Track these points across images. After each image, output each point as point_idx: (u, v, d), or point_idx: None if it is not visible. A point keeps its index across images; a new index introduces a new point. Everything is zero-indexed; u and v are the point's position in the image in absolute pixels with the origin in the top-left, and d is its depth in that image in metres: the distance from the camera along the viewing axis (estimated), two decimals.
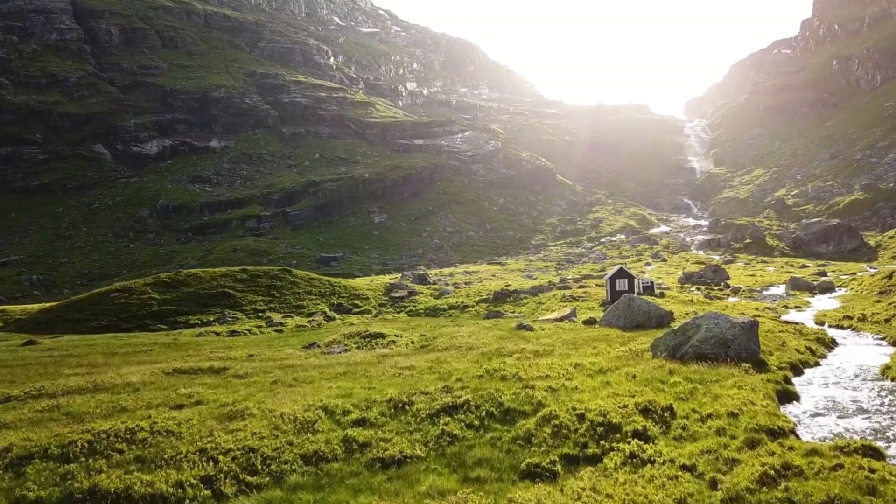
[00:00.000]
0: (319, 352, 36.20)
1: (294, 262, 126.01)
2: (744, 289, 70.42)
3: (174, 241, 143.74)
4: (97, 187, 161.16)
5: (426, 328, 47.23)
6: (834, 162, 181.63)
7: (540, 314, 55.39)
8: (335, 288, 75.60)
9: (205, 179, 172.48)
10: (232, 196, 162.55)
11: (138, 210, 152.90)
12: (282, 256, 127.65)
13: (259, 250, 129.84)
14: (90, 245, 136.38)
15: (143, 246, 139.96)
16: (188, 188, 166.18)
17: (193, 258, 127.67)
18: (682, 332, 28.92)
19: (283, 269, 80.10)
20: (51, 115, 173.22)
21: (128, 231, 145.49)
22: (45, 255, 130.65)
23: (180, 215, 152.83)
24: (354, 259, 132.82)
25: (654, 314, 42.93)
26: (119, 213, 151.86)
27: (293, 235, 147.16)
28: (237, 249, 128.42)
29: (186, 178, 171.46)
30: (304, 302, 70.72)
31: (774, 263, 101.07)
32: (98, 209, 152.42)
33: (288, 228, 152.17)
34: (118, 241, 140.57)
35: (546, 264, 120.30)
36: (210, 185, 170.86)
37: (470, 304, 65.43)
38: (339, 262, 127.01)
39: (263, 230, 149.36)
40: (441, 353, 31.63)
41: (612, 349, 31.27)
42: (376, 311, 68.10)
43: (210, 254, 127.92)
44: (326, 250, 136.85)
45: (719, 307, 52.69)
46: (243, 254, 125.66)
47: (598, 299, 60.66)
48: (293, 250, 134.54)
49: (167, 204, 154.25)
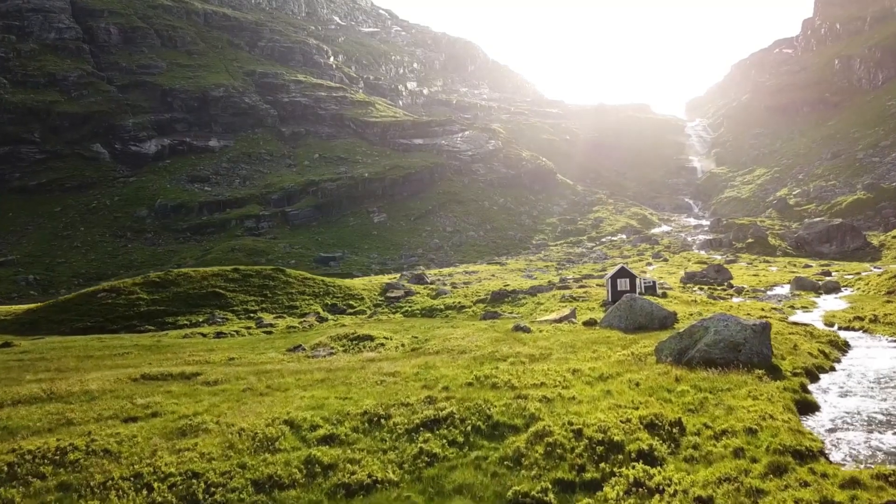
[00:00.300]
0: (304, 355, 34.57)
1: (293, 261, 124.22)
2: (748, 289, 68.51)
3: (172, 241, 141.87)
4: (95, 187, 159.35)
5: (419, 329, 45.55)
6: (836, 161, 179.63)
7: (539, 315, 53.53)
8: (329, 288, 73.46)
9: (204, 179, 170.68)
10: (231, 196, 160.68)
11: (136, 210, 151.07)
12: (280, 256, 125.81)
13: (257, 250, 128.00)
14: (88, 245, 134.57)
15: (141, 246, 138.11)
16: (187, 188, 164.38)
17: (191, 258, 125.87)
18: (689, 334, 26.96)
19: (276, 268, 78.06)
20: (49, 115, 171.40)
21: (126, 231, 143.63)
22: (43, 254, 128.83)
23: (179, 215, 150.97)
24: (354, 259, 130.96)
25: (656, 315, 41.22)
26: (117, 212, 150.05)
27: (292, 235, 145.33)
28: (235, 249, 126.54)
29: (185, 178, 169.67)
30: (298, 302, 68.78)
31: (777, 263, 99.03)
32: (96, 209, 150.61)
33: (287, 228, 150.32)
34: (116, 241, 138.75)
35: (546, 264, 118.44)
36: (209, 184, 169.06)
37: (467, 305, 63.64)
38: (339, 262, 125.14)
39: (262, 230, 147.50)
40: (430, 358, 29.96)
41: (613, 353, 29.53)
42: (371, 311, 66.34)
43: (208, 253, 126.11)
44: (325, 250, 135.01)
45: (724, 308, 50.93)
46: (241, 253, 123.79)
47: (599, 300, 58.88)
48: (292, 250, 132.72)
49: (165, 203, 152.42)
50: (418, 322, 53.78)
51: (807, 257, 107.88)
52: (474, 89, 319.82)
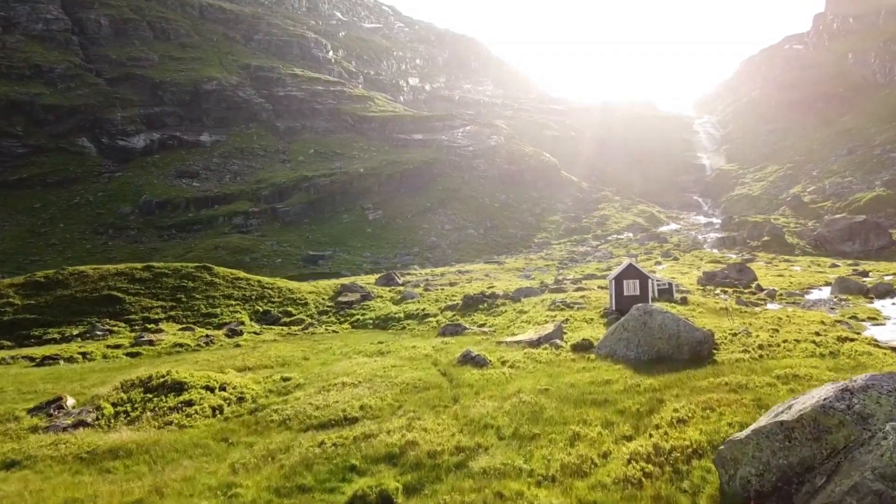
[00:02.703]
0: (44, 421, 23.11)
1: (279, 260, 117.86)
2: (780, 292, 57.87)
3: (156, 239, 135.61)
4: (79, 182, 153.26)
5: (322, 357, 35.18)
6: (852, 157, 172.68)
7: (517, 328, 41.73)
8: (266, 291, 63.31)
9: (193, 174, 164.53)
10: (220, 192, 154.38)
11: (120, 206, 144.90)
12: (266, 255, 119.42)
13: (242, 248, 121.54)
14: (65, 242, 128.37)
15: (122, 244, 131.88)
16: (174, 183, 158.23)
17: (173, 256, 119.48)
18: (813, 433, 11.89)
19: (200, 266, 66.58)
20: (33, 108, 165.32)
21: (108, 228, 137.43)
22: (16, 252, 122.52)
23: (164, 211, 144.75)
24: (344, 258, 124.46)
25: (685, 339, 27.59)
26: (100, 209, 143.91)
27: (282, 232, 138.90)
28: (219, 247, 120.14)
29: (173, 173, 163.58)
30: (220, 308, 58.36)
31: (799, 262, 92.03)
32: (78, 205, 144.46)
33: (277, 225, 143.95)
34: (96, 239, 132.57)
35: (547, 263, 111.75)
36: (198, 180, 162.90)
37: (432, 313, 54.12)
38: (327, 261, 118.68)
39: (251, 227, 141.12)
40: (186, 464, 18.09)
41: (611, 443, 16.24)
42: (310, 321, 56.39)
43: (190, 251, 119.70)
44: (315, 248, 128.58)
45: (769, 319, 38.63)
46: (225, 252, 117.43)
47: (599, 307, 47.65)
48: (279, 248, 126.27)
49: (150, 200, 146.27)
50: (353, 337, 44.66)
51: (828, 256, 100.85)
52: (478, 86, 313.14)
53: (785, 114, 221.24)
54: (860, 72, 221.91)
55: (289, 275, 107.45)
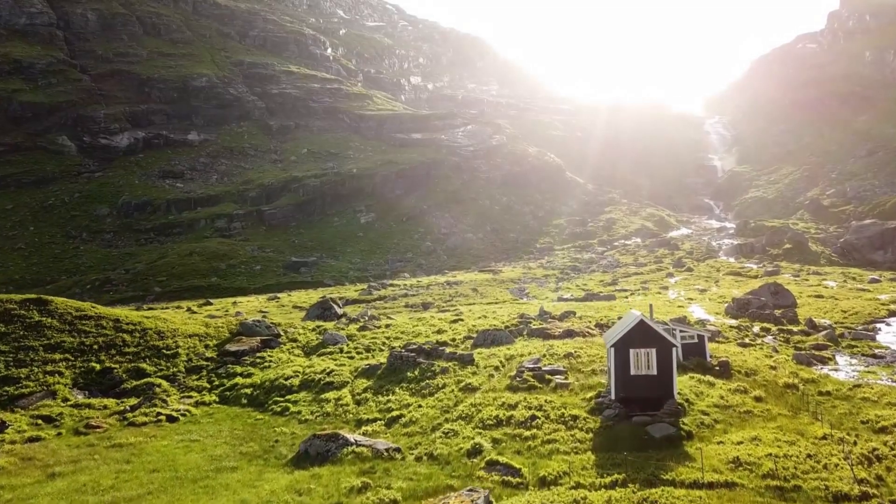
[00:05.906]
0: None
1: (258, 267, 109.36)
2: (837, 328, 44.49)
3: (132, 243, 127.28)
4: (55, 182, 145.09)
5: None
6: (873, 158, 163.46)
7: (439, 443, 27.93)
8: (121, 335, 45.91)
9: (177, 175, 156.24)
10: (203, 193, 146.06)
11: (97, 208, 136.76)
12: (244, 261, 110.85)
13: (219, 254, 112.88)
14: (33, 246, 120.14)
15: (95, 248, 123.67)
16: (157, 184, 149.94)
17: (146, 262, 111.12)
18: None
19: (28, 300, 47.34)
20: (10, 104, 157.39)
21: (81, 231, 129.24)
22: None
23: (143, 214, 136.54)
24: (330, 264, 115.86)
25: None
26: (75, 210, 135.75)
27: (266, 237, 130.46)
28: (194, 252, 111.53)
29: (157, 174, 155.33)
30: (31, 368, 40.24)
31: (830, 275, 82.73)
32: (52, 206, 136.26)
33: (262, 229, 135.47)
34: (67, 242, 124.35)
35: (546, 273, 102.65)
36: (182, 180, 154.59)
37: (339, 382, 39.33)
38: (311, 268, 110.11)
39: (234, 230, 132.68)
40: None
41: None
42: (165, 388, 40.92)
43: (163, 257, 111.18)
44: (300, 254, 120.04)
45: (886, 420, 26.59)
46: (199, 258, 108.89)
47: (593, 379, 33.44)
48: (260, 253, 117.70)
49: (129, 201, 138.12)
50: (159, 451, 30.69)
51: (857, 266, 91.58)
52: (482, 86, 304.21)
53: (798, 114, 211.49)
54: (879, 70, 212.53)
55: (267, 283, 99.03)
